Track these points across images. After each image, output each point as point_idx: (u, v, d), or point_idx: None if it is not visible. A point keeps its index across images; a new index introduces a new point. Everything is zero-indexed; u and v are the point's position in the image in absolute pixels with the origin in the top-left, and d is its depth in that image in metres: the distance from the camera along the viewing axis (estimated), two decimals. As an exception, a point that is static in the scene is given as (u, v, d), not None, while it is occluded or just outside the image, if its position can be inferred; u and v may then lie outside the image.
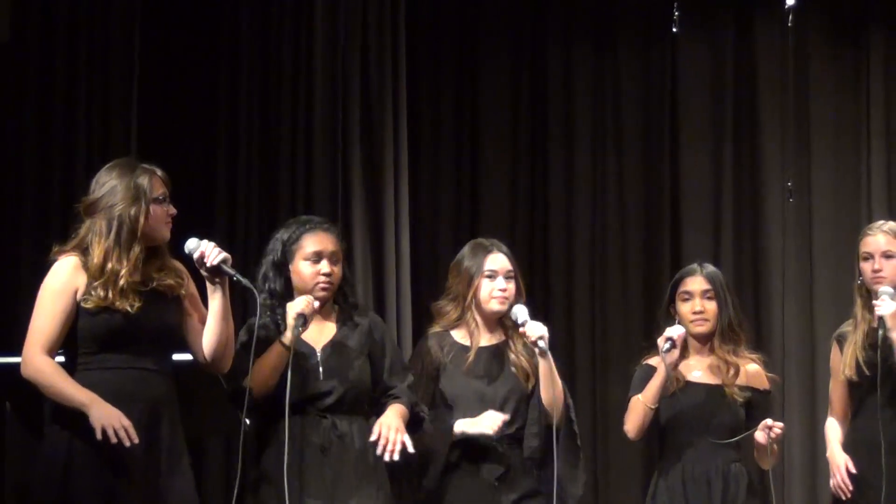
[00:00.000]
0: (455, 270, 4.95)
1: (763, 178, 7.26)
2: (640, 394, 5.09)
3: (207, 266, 4.20)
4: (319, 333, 4.61)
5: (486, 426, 4.75)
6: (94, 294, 4.13)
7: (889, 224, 5.21)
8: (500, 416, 4.76)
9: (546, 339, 4.72)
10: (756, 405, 5.13)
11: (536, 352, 4.74)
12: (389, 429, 4.49)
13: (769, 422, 4.99)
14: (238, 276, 4.26)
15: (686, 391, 5.11)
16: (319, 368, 4.54)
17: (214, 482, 6.35)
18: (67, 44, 6.38)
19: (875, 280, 5.13)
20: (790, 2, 5.91)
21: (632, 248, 7.30)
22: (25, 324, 4.25)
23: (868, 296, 5.15)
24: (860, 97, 7.26)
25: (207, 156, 6.81)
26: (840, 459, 5.16)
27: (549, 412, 4.77)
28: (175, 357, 4.32)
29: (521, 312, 4.79)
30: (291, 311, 4.48)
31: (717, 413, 5.08)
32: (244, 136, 6.77)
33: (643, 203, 7.31)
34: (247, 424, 4.42)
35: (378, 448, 4.47)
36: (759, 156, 7.27)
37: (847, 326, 5.23)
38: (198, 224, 4.40)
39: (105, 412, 4.05)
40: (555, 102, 7.34)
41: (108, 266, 4.14)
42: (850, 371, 5.13)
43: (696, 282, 5.21)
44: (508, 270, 4.90)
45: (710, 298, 5.18)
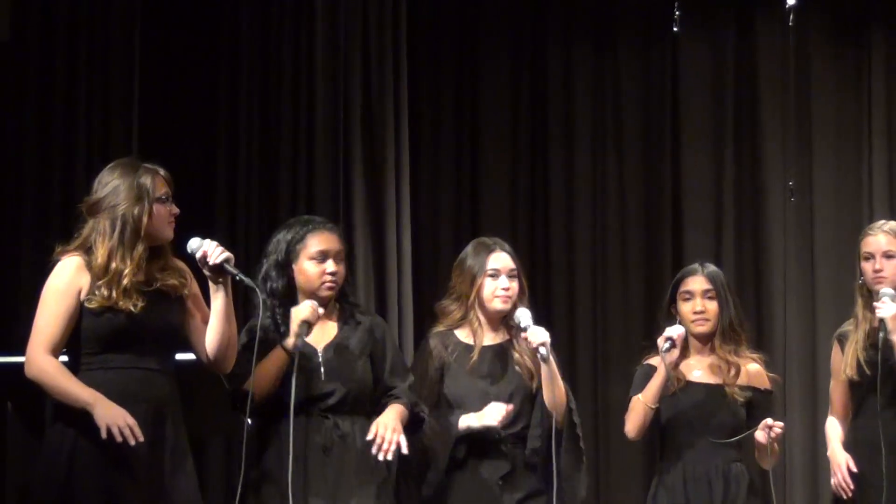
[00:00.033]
0: (458, 270, 4.95)
1: (764, 178, 7.24)
2: (641, 394, 5.10)
3: (210, 265, 4.19)
4: (321, 334, 4.60)
5: (491, 418, 4.74)
6: (98, 294, 4.12)
7: (890, 224, 5.20)
8: (504, 406, 4.75)
9: (548, 346, 4.71)
10: (757, 405, 5.13)
11: (538, 357, 4.74)
12: (386, 428, 4.49)
13: (769, 421, 4.99)
14: (240, 276, 4.25)
15: (686, 391, 5.11)
16: (321, 369, 4.53)
17: (215, 482, 6.35)
18: (67, 43, 6.38)
19: (876, 280, 5.12)
20: (791, 1, 5.90)
21: (633, 248, 7.29)
22: (26, 324, 4.24)
23: (869, 295, 5.14)
24: (861, 96, 7.25)
25: (208, 156, 6.81)
26: (841, 458, 5.16)
27: (552, 414, 4.77)
28: (176, 357, 4.31)
29: (524, 317, 4.78)
30: (296, 318, 4.47)
31: (717, 413, 5.08)
32: (244, 136, 6.76)
33: (644, 203, 7.30)
34: (248, 425, 4.41)
35: (374, 447, 4.47)
36: (761, 155, 7.26)
37: (848, 326, 5.23)
38: (198, 224, 4.39)
39: (109, 411, 4.04)
40: (555, 102, 7.33)
41: (112, 266, 4.13)
42: (851, 371, 5.13)
43: (697, 281, 5.20)
44: (511, 269, 4.90)
45: (711, 298, 5.18)
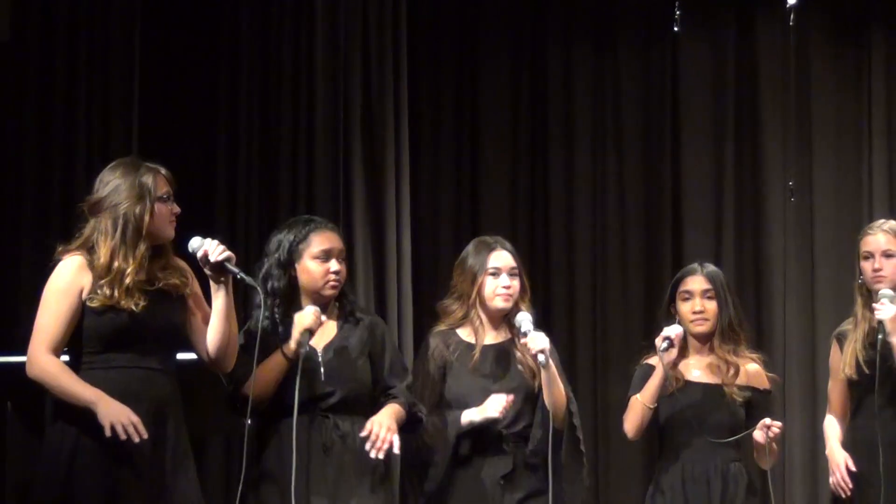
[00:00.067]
0: (459, 269, 4.95)
1: (764, 178, 7.24)
2: (639, 393, 5.09)
3: (211, 263, 4.19)
4: (320, 333, 4.59)
5: (492, 409, 4.73)
6: (100, 293, 4.12)
7: (889, 223, 5.20)
8: (504, 397, 4.75)
9: (547, 352, 4.70)
10: (756, 405, 5.12)
11: (537, 363, 4.73)
12: (381, 426, 4.49)
13: (767, 421, 4.98)
14: (241, 275, 4.25)
15: (685, 391, 5.11)
16: (321, 369, 4.53)
17: (214, 482, 6.35)
18: (67, 43, 6.38)
19: (875, 279, 5.12)
20: (791, 1, 5.90)
21: (632, 248, 7.29)
22: (26, 324, 4.24)
23: (868, 295, 5.14)
24: (861, 96, 7.24)
25: (208, 156, 6.81)
26: (839, 457, 5.16)
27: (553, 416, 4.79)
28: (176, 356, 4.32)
29: (525, 321, 4.77)
30: (299, 325, 4.47)
31: (715, 412, 5.08)
32: (244, 136, 6.76)
33: (644, 203, 7.30)
34: (248, 425, 4.40)
35: (367, 444, 4.48)
36: (761, 155, 7.26)
37: (847, 325, 5.23)
38: (198, 224, 4.38)
39: (113, 409, 4.04)
40: (555, 102, 7.33)
41: (115, 265, 4.13)
42: (850, 370, 5.13)
43: (697, 281, 5.20)
44: (512, 267, 4.90)
45: (711, 298, 5.18)
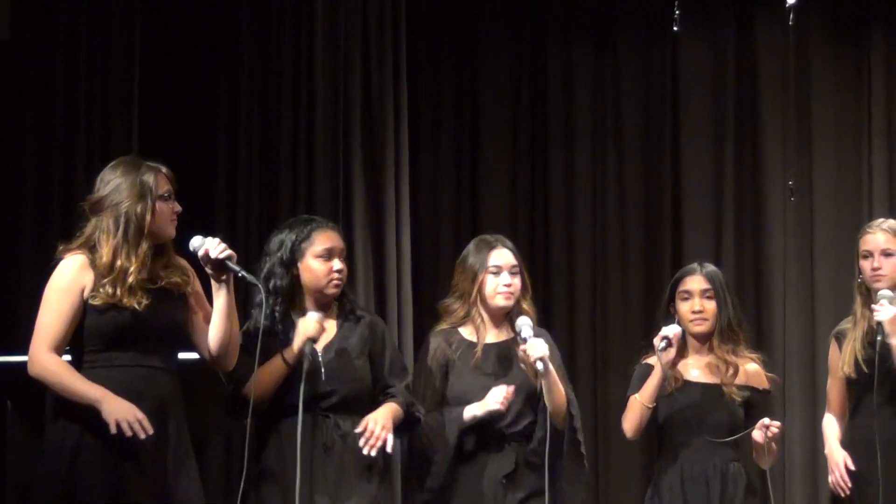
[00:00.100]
0: (460, 267, 4.96)
1: (764, 178, 7.24)
2: (638, 393, 5.10)
3: (212, 260, 4.19)
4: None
5: (494, 401, 4.74)
6: (103, 291, 4.12)
7: (889, 222, 5.20)
8: (505, 388, 4.75)
9: (546, 359, 4.71)
10: (755, 404, 5.12)
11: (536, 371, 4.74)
12: (376, 423, 4.52)
13: (766, 421, 4.99)
14: (243, 273, 4.26)
15: (683, 390, 5.11)
16: (322, 369, 4.54)
17: (215, 481, 6.35)
18: (67, 43, 6.37)
19: (874, 278, 5.12)
20: (791, 0, 5.90)
21: (632, 248, 7.28)
22: (26, 324, 4.24)
23: (868, 294, 5.15)
24: (861, 96, 7.24)
25: (208, 156, 6.80)
26: (839, 456, 5.16)
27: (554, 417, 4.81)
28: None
29: (525, 327, 4.77)
30: (302, 332, 4.48)
31: (714, 412, 5.08)
32: (244, 136, 6.76)
33: (644, 202, 7.29)
34: (249, 424, 4.40)
35: (361, 440, 4.49)
36: (761, 155, 7.25)
37: (846, 324, 5.23)
38: (198, 224, 4.39)
39: (117, 406, 4.05)
40: (555, 102, 7.32)
41: (118, 263, 4.13)
42: (849, 368, 5.13)
43: (696, 281, 5.20)
44: (513, 265, 4.90)
45: (710, 298, 5.18)
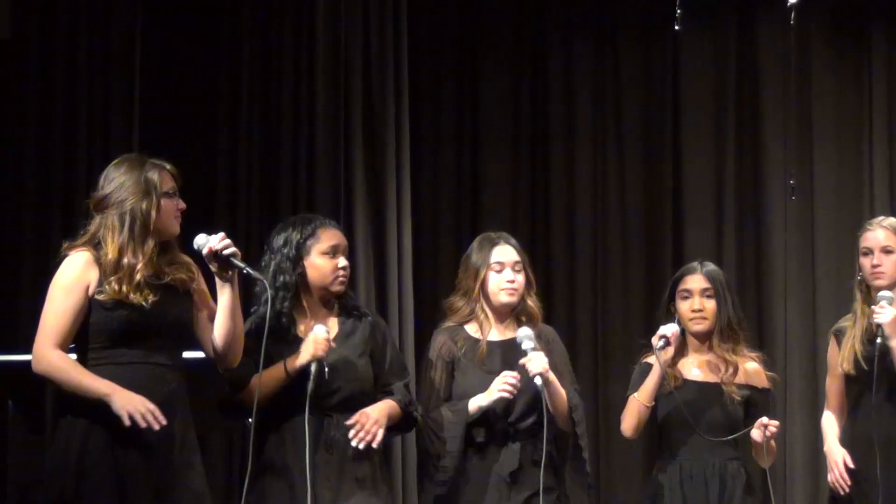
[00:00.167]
0: (464, 265, 4.98)
1: (765, 177, 7.23)
2: (636, 392, 5.10)
3: (218, 257, 4.19)
4: (322, 331, 4.64)
5: (498, 391, 4.75)
6: (109, 288, 4.12)
7: (889, 220, 5.19)
8: (509, 374, 4.76)
9: (546, 373, 4.73)
10: (755, 403, 5.12)
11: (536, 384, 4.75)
12: (369, 418, 4.54)
13: (765, 420, 4.99)
14: (247, 269, 4.26)
15: (683, 389, 5.11)
16: (325, 368, 4.54)
17: (216, 479, 6.34)
18: (68, 42, 6.37)
19: (874, 275, 5.11)
20: (792, 0, 5.90)
21: (633, 248, 7.28)
22: (27, 323, 4.25)
23: (867, 291, 5.14)
24: (862, 95, 7.23)
25: (208, 154, 6.80)
26: (838, 454, 5.16)
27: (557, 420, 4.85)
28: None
29: (526, 340, 4.78)
30: (310, 350, 4.49)
31: (713, 411, 5.08)
32: (245, 136, 6.76)
33: (645, 202, 7.29)
34: (251, 423, 4.40)
35: (351, 432, 4.51)
36: (761, 154, 7.25)
37: (845, 321, 5.23)
38: (199, 224, 4.39)
39: (128, 399, 4.05)
40: (555, 102, 7.32)
41: (124, 261, 4.13)
42: (848, 365, 5.12)
43: (696, 280, 5.20)
44: (516, 262, 4.91)
45: (710, 297, 5.18)
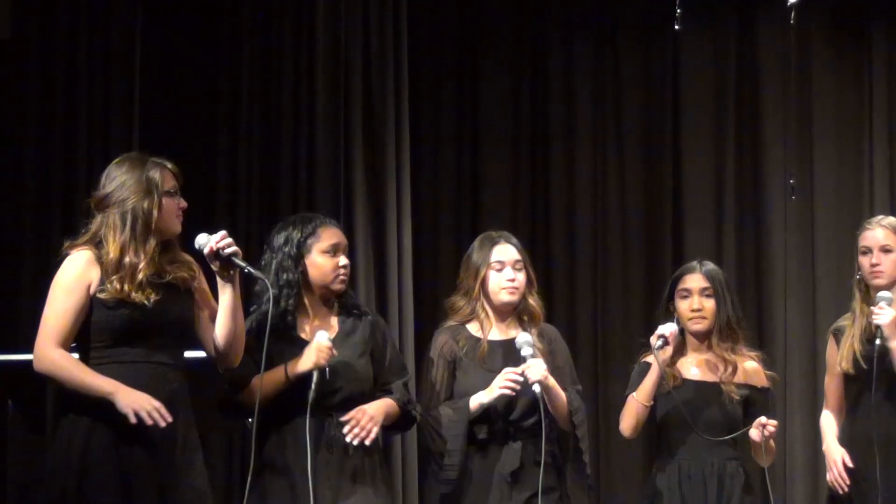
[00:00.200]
0: (465, 265, 4.98)
1: (765, 177, 7.23)
2: (635, 392, 5.10)
3: (219, 257, 4.19)
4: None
5: (500, 388, 4.75)
6: (111, 287, 4.12)
7: (888, 219, 5.19)
8: (510, 371, 4.76)
9: (545, 381, 4.73)
10: (754, 403, 5.12)
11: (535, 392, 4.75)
12: (364, 414, 4.54)
13: (763, 419, 4.99)
14: (249, 269, 4.26)
15: (682, 388, 5.11)
16: (326, 368, 4.54)
17: (216, 478, 6.33)
18: (68, 42, 6.37)
19: (873, 274, 5.11)
20: (792, -1, 5.90)
21: (633, 247, 7.28)
22: (27, 323, 4.25)
23: (866, 290, 5.14)
24: (863, 95, 7.23)
25: (208, 155, 6.80)
26: (836, 454, 5.15)
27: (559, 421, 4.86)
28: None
29: (525, 346, 4.79)
30: (312, 357, 4.49)
31: (712, 410, 5.08)
32: (245, 136, 6.76)
33: (645, 202, 7.29)
34: (252, 422, 4.40)
35: (346, 428, 4.51)
36: (761, 153, 7.25)
37: (844, 320, 5.22)
38: (199, 224, 4.39)
39: (132, 397, 4.05)
40: (555, 102, 7.32)
41: (126, 260, 4.13)
42: (847, 364, 5.11)
43: (695, 279, 5.20)
44: (516, 261, 4.91)
45: (709, 296, 5.18)
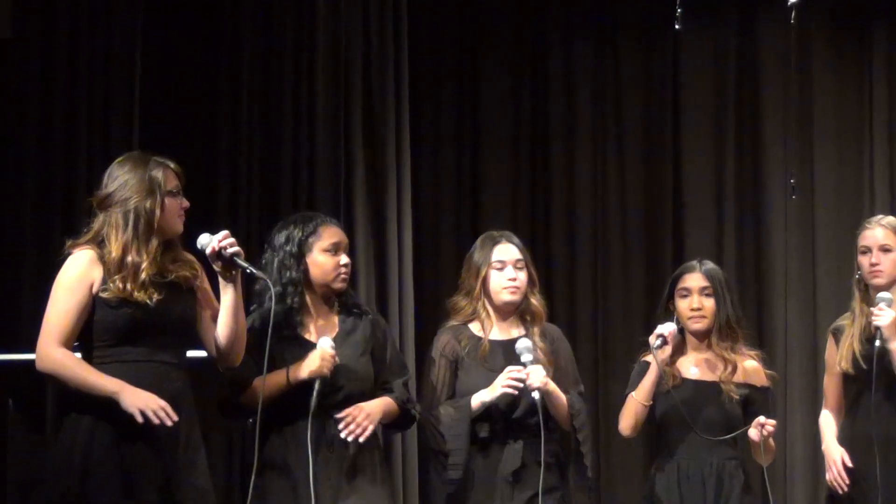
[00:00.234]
0: (466, 264, 5.00)
1: (765, 176, 7.23)
2: (634, 391, 5.10)
3: (221, 256, 4.19)
4: (324, 332, 4.65)
5: (502, 387, 4.76)
6: (114, 286, 4.12)
7: (888, 218, 5.20)
8: (513, 369, 4.77)
9: (545, 386, 4.75)
10: (754, 402, 5.13)
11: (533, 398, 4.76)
12: (361, 411, 4.55)
13: (762, 419, 4.99)
14: (251, 269, 4.27)
15: (681, 388, 5.11)
16: (327, 377, 4.55)
17: (216, 477, 6.32)
18: (69, 42, 6.37)
19: (873, 274, 5.11)
20: (793, -1, 5.90)
21: (634, 247, 7.28)
22: (28, 323, 4.25)
23: (866, 290, 5.14)
24: (863, 95, 7.23)
25: (209, 155, 6.80)
26: (836, 453, 5.16)
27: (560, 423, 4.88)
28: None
29: (525, 352, 4.79)
30: (315, 365, 4.50)
31: (711, 410, 5.08)
32: (245, 135, 6.76)
33: (645, 202, 7.29)
34: (252, 422, 4.42)
35: (341, 424, 4.52)
36: (762, 153, 7.24)
37: (844, 320, 5.23)
38: (199, 224, 4.39)
39: (138, 396, 4.06)
40: (555, 102, 7.31)
41: (128, 259, 4.14)
42: (846, 364, 5.11)
43: (695, 278, 5.21)
44: (518, 260, 4.92)
45: (709, 295, 5.18)
